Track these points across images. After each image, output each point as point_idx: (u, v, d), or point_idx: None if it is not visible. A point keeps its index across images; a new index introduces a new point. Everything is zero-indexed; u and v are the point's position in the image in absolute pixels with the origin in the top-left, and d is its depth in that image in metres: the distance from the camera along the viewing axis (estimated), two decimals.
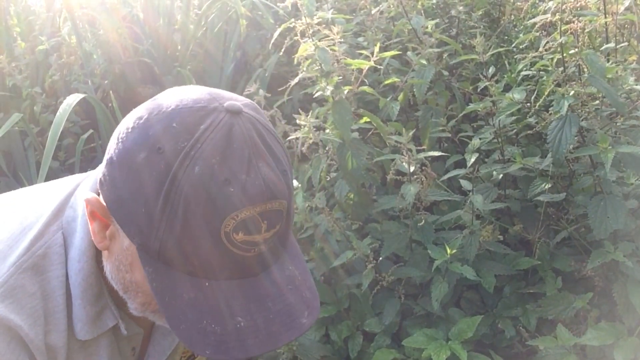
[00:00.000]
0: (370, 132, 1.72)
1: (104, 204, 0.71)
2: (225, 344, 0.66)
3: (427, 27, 1.75)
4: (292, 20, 1.55)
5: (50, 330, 0.76)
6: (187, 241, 0.65)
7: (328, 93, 1.49)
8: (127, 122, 0.70)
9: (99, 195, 0.73)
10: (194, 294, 0.67)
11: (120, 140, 0.69)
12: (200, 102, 0.67)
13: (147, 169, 0.65)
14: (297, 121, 1.48)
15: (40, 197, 0.83)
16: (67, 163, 2.30)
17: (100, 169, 0.72)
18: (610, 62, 1.53)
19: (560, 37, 1.41)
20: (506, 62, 1.94)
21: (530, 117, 1.61)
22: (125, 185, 0.67)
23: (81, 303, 0.77)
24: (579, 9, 1.39)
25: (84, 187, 0.80)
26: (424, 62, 1.66)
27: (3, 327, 0.71)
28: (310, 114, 1.52)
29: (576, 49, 1.41)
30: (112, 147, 0.70)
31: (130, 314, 0.79)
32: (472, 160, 1.49)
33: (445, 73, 1.83)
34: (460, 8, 1.95)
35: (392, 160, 1.48)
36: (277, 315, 0.69)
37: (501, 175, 1.55)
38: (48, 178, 1.61)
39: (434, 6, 2.07)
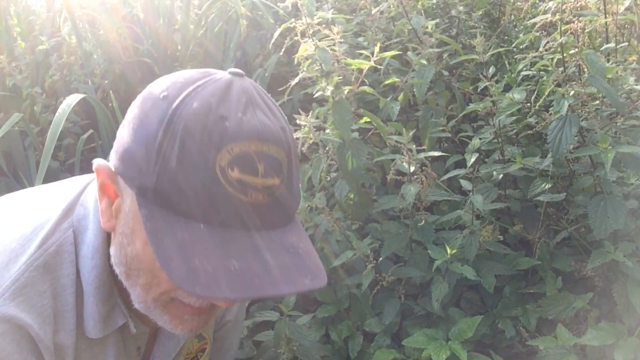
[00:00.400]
0: (370, 132, 1.72)
1: (113, 169, 0.73)
2: (216, 283, 0.64)
3: (427, 27, 1.75)
4: (292, 20, 1.55)
5: (59, 329, 0.77)
6: (183, 174, 0.65)
7: (328, 93, 1.49)
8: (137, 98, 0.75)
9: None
10: (188, 234, 0.66)
11: (129, 112, 0.74)
12: (206, 70, 0.73)
13: (151, 112, 0.69)
14: (297, 121, 1.47)
15: (50, 197, 0.84)
16: (67, 163, 2.29)
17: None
18: (610, 62, 1.53)
19: (560, 37, 1.41)
20: (506, 62, 1.94)
21: (530, 117, 1.60)
22: (130, 134, 0.70)
23: (94, 300, 0.78)
24: (579, 9, 1.39)
25: (94, 186, 0.80)
26: (424, 62, 1.66)
27: (14, 326, 0.72)
28: (310, 114, 1.52)
29: (576, 49, 1.41)
30: (123, 121, 0.75)
31: (137, 311, 0.79)
32: (472, 160, 1.49)
33: (445, 73, 1.83)
34: (461, 8, 1.95)
35: (392, 160, 1.48)
36: (275, 268, 0.67)
37: (501, 175, 1.55)
38: (48, 178, 1.61)
39: (434, 6, 2.07)
